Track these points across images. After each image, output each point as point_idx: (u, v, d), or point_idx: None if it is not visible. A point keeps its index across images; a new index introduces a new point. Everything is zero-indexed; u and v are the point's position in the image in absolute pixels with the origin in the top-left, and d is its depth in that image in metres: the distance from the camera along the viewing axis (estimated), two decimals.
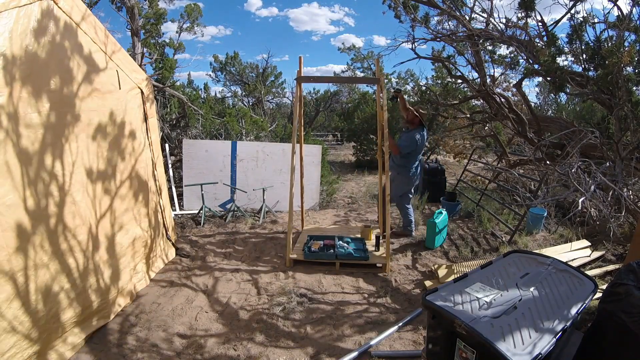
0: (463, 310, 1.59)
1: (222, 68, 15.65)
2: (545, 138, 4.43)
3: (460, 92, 6.42)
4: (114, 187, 2.57)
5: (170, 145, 5.82)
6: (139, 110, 2.91)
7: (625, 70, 3.29)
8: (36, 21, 1.88)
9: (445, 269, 3.02)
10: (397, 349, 2.19)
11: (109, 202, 2.51)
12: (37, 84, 1.89)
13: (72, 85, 2.16)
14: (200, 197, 4.68)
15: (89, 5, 5.81)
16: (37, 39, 1.89)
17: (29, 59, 1.84)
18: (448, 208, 4.84)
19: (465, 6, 4.82)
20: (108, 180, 2.50)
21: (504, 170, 5.59)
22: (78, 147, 2.20)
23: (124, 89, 2.67)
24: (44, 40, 1.94)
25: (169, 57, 6.73)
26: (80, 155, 2.23)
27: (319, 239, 3.66)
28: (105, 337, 2.26)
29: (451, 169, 9.19)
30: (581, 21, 3.82)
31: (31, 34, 1.85)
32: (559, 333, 1.46)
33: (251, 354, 2.14)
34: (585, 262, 3.21)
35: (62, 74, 2.08)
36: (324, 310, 2.62)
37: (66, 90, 2.11)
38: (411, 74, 13.52)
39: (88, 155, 2.30)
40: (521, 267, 1.99)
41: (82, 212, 2.22)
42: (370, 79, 3.95)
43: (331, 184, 6.30)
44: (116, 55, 2.55)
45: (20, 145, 1.80)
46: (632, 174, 3.28)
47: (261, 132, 6.89)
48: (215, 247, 3.77)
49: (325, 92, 18.42)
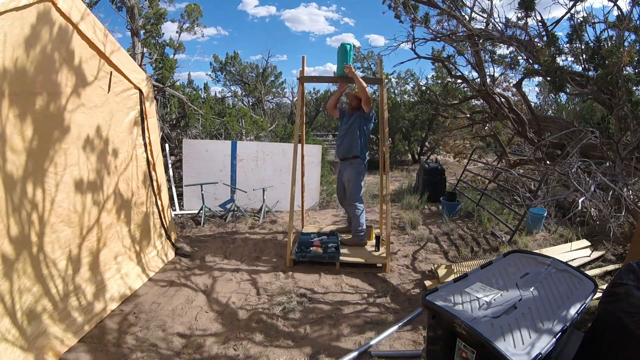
0: (463, 310, 1.59)
1: (222, 68, 15.67)
2: (545, 138, 4.43)
3: (460, 92, 6.42)
4: (102, 199, 2.56)
5: (170, 145, 5.82)
6: (133, 112, 2.89)
7: (625, 70, 3.29)
8: (31, 27, 1.87)
9: (445, 269, 3.02)
10: (397, 348, 2.19)
11: (97, 213, 2.51)
12: (23, 99, 1.87)
13: (60, 99, 2.14)
14: (200, 197, 4.68)
15: (89, 5, 5.80)
16: (32, 46, 1.88)
17: (20, 66, 1.83)
18: (448, 208, 4.85)
19: (465, 6, 4.82)
20: (97, 191, 2.50)
21: (504, 170, 5.59)
22: (66, 161, 2.19)
23: (113, 92, 2.63)
24: (36, 49, 1.93)
25: (169, 57, 6.73)
26: (69, 169, 2.22)
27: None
28: (103, 337, 2.26)
29: (451, 169, 9.19)
30: (581, 21, 3.82)
31: (27, 41, 1.85)
32: (559, 333, 1.46)
33: (251, 353, 2.13)
34: (585, 262, 3.21)
35: (49, 86, 2.05)
36: (324, 310, 2.61)
37: (53, 107, 2.09)
38: (411, 74, 13.52)
39: (79, 168, 2.30)
40: (521, 267, 1.99)
41: (65, 228, 2.20)
42: (372, 79, 3.94)
43: (331, 184, 6.29)
44: (115, 55, 2.55)
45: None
46: (632, 174, 3.28)
47: (261, 132, 6.88)
48: (215, 247, 3.77)
49: (325, 92, 18.40)
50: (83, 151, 2.35)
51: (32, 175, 1.96)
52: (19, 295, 1.87)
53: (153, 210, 3.22)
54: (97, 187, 2.49)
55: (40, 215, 2.03)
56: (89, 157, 2.41)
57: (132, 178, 2.90)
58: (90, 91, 2.40)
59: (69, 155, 2.23)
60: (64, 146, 2.19)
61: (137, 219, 2.98)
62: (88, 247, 2.42)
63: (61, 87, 2.15)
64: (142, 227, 3.05)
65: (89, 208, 2.42)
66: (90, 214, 2.43)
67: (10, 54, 1.78)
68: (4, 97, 1.76)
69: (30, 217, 1.96)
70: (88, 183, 2.40)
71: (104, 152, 2.57)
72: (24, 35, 1.85)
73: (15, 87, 1.83)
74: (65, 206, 2.20)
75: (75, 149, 2.28)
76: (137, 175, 2.96)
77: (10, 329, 1.79)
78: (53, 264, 2.12)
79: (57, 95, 2.13)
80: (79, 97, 2.30)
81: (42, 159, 2.04)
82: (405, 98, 12.71)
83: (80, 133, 2.33)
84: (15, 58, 1.81)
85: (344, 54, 3.28)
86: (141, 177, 3.03)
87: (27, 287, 1.93)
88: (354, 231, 3.61)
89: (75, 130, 2.28)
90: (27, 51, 1.87)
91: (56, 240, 2.14)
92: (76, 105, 2.28)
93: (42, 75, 2.00)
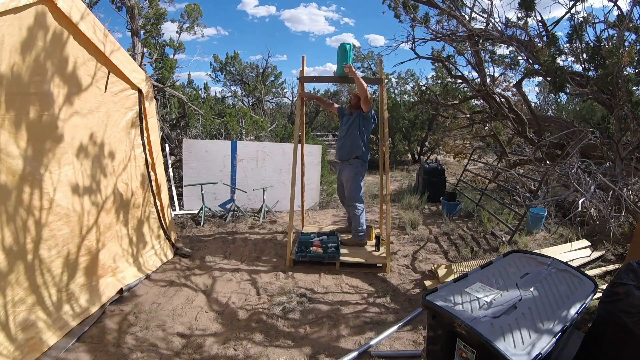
0: (463, 310, 1.58)
1: (222, 68, 15.66)
2: (545, 138, 4.43)
3: (460, 92, 6.42)
4: (100, 199, 2.56)
5: (170, 145, 5.82)
6: (131, 113, 2.88)
7: (625, 70, 3.29)
8: (27, 29, 1.87)
9: (445, 269, 3.01)
10: (397, 348, 2.19)
11: (96, 214, 2.51)
12: (18, 106, 1.87)
13: (52, 109, 2.13)
14: (200, 197, 4.68)
15: (89, 5, 5.80)
16: (29, 47, 1.88)
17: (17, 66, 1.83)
18: (448, 208, 4.85)
19: (465, 6, 4.82)
20: (93, 192, 2.49)
21: (504, 170, 5.59)
22: (60, 170, 2.19)
23: (110, 92, 2.62)
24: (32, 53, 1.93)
25: (168, 57, 6.73)
26: (65, 174, 2.22)
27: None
28: (103, 337, 2.26)
29: (451, 169, 9.19)
30: (581, 21, 3.82)
31: (24, 42, 1.85)
32: (559, 333, 1.46)
33: (251, 353, 2.13)
34: (585, 262, 3.21)
35: (42, 94, 2.05)
36: (324, 310, 2.61)
37: (47, 116, 2.08)
38: (411, 74, 13.56)
39: (73, 172, 2.29)
40: (521, 267, 1.99)
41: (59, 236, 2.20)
42: (373, 79, 3.94)
43: (331, 184, 6.30)
44: (115, 54, 2.55)
45: None
46: (632, 174, 3.28)
47: (261, 132, 6.88)
48: (215, 247, 3.77)
49: (325, 91, 18.45)
50: (79, 153, 2.34)
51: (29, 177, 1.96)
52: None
53: (152, 210, 3.22)
54: (93, 188, 2.49)
55: (37, 219, 2.03)
56: (85, 160, 2.40)
57: (131, 178, 2.90)
58: (87, 93, 2.39)
59: (65, 157, 2.22)
60: (60, 149, 2.19)
61: (136, 219, 2.98)
62: (87, 246, 2.42)
63: (58, 87, 2.15)
64: (141, 227, 3.04)
65: (87, 208, 2.42)
66: (89, 214, 2.43)
67: (7, 55, 1.78)
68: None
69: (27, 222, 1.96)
70: (85, 183, 2.40)
71: (100, 154, 2.56)
72: (22, 35, 1.85)
73: (13, 87, 1.83)
74: (63, 205, 2.20)
75: (71, 151, 2.27)
76: (135, 175, 2.96)
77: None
78: (48, 268, 2.12)
79: (55, 95, 2.13)
80: (76, 99, 2.30)
81: (38, 162, 2.03)
82: (405, 98, 12.73)
83: (76, 135, 2.32)
84: (12, 63, 1.81)
85: (344, 54, 3.27)
86: (140, 178, 3.02)
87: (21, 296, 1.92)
88: (354, 231, 3.61)
89: (71, 132, 2.27)
90: (23, 53, 1.87)
91: (52, 239, 2.14)
92: (72, 109, 2.27)
93: (39, 75, 2.00)
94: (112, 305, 2.59)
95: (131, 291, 2.79)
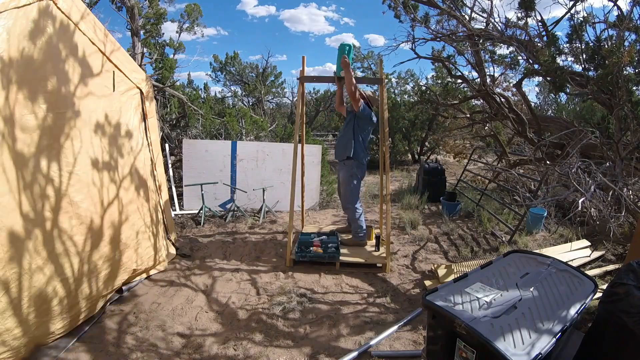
0: (463, 310, 1.58)
1: (221, 68, 15.66)
2: (545, 138, 4.43)
3: (460, 92, 6.42)
4: (115, 188, 2.57)
5: (170, 145, 5.82)
6: (137, 112, 2.89)
7: (625, 70, 3.29)
8: (33, 22, 1.88)
9: (445, 269, 3.01)
10: (397, 348, 2.19)
11: (114, 197, 2.53)
12: (33, 85, 1.89)
13: (68, 87, 2.15)
14: (200, 197, 4.68)
15: (89, 5, 5.80)
16: (34, 41, 1.89)
17: (25, 61, 1.84)
18: (448, 208, 4.85)
19: (465, 6, 4.82)
20: (108, 180, 2.50)
21: (504, 170, 5.59)
22: (75, 152, 2.20)
23: (118, 91, 2.64)
24: (42, 41, 1.93)
25: (168, 57, 6.73)
26: (81, 156, 2.23)
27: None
28: (103, 337, 2.26)
29: (451, 169, 9.19)
30: (581, 21, 3.82)
31: (29, 36, 1.85)
32: (559, 333, 1.46)
33: (250, 353, 2.13)
34: (585, 262, 3.21)
35: (59, 75, 2.07)
36: (324, 310, 2.61)
37: (63, 92, 2.10)
38: (411, 74, 13.54)
39: (88, 161, 2.30)
40: (521, 267, 1.99)
41: (82, 212, 2.22)
42: (373, 79, 3.94)
43: (331, 184, 6.30)
44: (115, 54, 2.55)
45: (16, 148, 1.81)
46: (632, 174, 3.28)
47: (261, 132, 6.88)
48: (215, 246, 3.77)
49: (325, 91, 18.42)
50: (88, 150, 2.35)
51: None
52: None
53: (157, 208, 3.22)
54: (95, 189, 2.49)
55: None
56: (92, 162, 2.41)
57: (134, 177, 2.90)
58: (100, 81, 2.44)
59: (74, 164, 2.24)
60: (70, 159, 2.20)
61: (138, 217, 2.97)
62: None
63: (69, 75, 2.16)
64: (141, 226, 3.04)
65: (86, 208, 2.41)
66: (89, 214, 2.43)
67: (15, 45, 1.78)
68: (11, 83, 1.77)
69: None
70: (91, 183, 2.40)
71: (111, 153, 2.58)
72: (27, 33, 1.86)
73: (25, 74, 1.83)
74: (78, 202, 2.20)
75: (83, 147, 2.29)
76: (140, 174, 2.97)
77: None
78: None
79: (66, 82, 2.15)
80: (86, 86, 2.32)
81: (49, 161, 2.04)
82: (405, 98, 12.71)
83: (91, 119, 2.36)
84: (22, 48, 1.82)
85: (343, 54, 3.27)
86: (144, 177, 3.02)
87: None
88: (353, 232, 3.60)
89: (87, 117, 2.30)
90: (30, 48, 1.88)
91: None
92: (86, 93, 2.30)
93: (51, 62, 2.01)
94: (112, 305, 2.59)
95: (131, 291, 2.79)
